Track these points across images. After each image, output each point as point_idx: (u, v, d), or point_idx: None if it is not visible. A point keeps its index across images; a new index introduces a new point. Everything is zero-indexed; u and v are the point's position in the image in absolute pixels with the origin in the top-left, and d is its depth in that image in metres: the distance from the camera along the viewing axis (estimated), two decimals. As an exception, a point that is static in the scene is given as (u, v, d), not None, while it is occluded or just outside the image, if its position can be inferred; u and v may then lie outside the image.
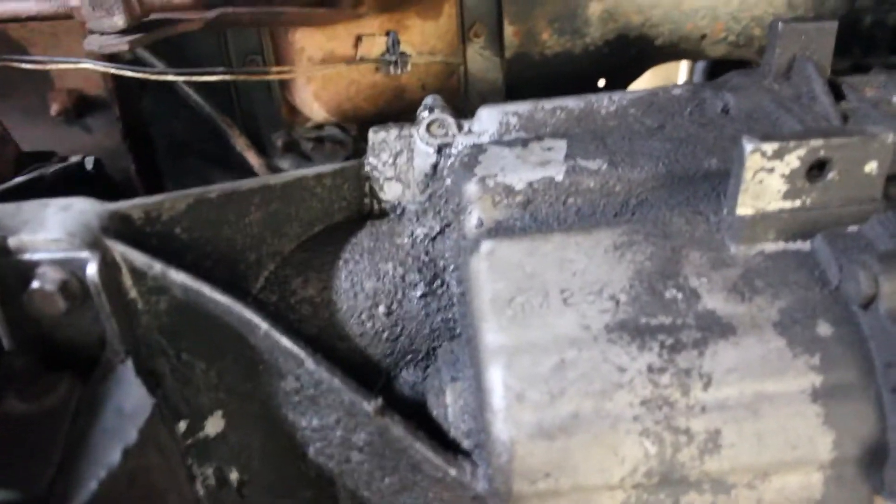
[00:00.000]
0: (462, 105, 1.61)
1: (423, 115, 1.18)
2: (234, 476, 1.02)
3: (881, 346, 0.83)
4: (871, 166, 0.90)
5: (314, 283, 1.11)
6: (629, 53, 1.65)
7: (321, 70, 1.40)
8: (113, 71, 1.26)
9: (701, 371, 0.84)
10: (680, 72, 2.39)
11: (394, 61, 1.43)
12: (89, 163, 1.38)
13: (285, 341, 0.90)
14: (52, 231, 0.84)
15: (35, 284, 0.82)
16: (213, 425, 0.98)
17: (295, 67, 1.39)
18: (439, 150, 1.15)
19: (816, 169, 0.90)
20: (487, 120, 1.17)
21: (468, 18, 1.56)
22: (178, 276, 0.88)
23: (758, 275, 0.90)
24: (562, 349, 0.85)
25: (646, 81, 1.79)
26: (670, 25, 1.64)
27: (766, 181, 0.89)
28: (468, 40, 1.58)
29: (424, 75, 1.53)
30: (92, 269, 0.82)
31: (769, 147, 0.87)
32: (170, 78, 1.28)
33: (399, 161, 1.17)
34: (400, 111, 1.52)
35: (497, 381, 0.84)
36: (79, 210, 0.88)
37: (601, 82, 1.70)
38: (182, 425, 0.97)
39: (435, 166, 1.15)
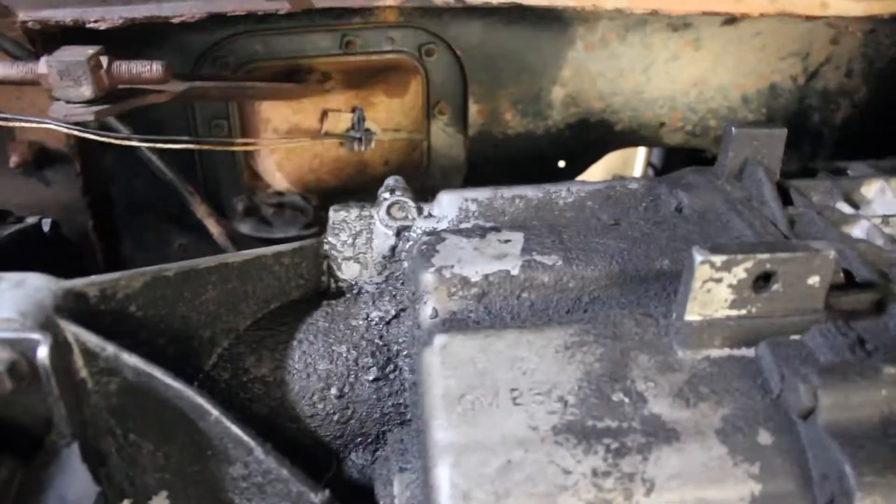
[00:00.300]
0: (423, 180, 1.64)
1: (385, 196, 1.20)
2: (175, 557, 1.00)
3: (818, 457, 0.85)
4: (814, 280, 0.93)
5: (267, 362, 1.11)
6: (590, 137, 1.70)
7: (285, 144, 1.41)
8: (77, 133, 1.26)
9: (644, 476, 0.85)
10: (638, 153, 2.45)
11: (358, 138, 1.45)
12: (46, 224, 1.37)
13: (235, 429, 0.90)
14: (4, 309, 0.84)
15: (-17, 363, 0.82)
16: (157, 506, 0.97)
17: (259, 139, 1.41)
18: (398, 232, 1.17)
19: (762, 280, 0.92)
20: (447, 205, 1.20)
21: (434, 96, 1.60)
22: (131, 360, 0.88)
23: (703, 380, 0.92)
24: (509, 449, 0.86)
25: (604, 160, 1.84)
26: (630, 112, 1.69)
27: (714, 290, 0.91)
28: (433, 117, 1.61)
29: (388, 151, 1.56)
30: (43, 353, 0.82)
31: (718, 259, 0.90)
32: (134, 144, 1.29)
33: (358, 241, 1.18)
34: (362, 185, 1.54)
35: (444, 478, 0.85)
36: (33, 287, 0.87)
37: (561, 163, 1.74)
38: (125, 504, 0.96)
39: (393, 248, 1.17)
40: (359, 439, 1.11)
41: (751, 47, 1.64)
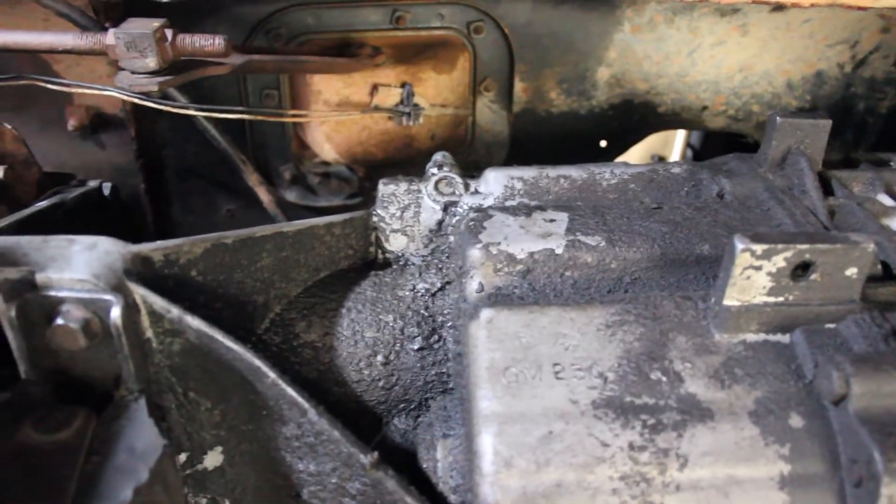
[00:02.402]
0: (467, 155, 1.67)
1: (433, 171, 1.24)
2: (226, 508, 1.06)
3: (847, 442, 0.88)
4: (852, 271, 0.96)
5: (317, 328, 1.15)
6: (632, 118, 1.72)
7: (336, 116, 1.45)
8: (136, 101, 1.31)
9: (678, 452, 0.89)
10: (677, 134, 2.46)
11: (407, 112, 1.49)
12: (106, 188, 1.42)
13: (290, 391, 0.95)
14: (79, 271, 0.89)
15: (59, 321, 0.87)
16: (213, 460, 1.03)
17: (310, 111, 1.44)
18: (445, 207, 1.21)
19: (801, 269, 0.95)
20: (493, 182, 1.23)
21: (480, 73, 1.63)
22: (194, 322, 0.93)
23: (738, 363, 0.95)
24: (550, 421, 0.90)
25: (644, 141, 1.86)
26: (674, 95, 1.71)
27: (753, 277, 0.94)
28: (479, 93, 1.64)
29: (434, 125, 1.59)
30: (115, 313, 0.87)
31: (759, 247, 0.92)
32: (190, 113, 1.33)
33: (406, 215, 1.22)
34: (408, 158, 1.57)
35: (487, 446, 0.89)
36: (104, 251, 0.92)
37: (603, 143, 1.76)
38: (182, 457, 1.01)
39: (440, 223, 1.21)
40: (402, 405, 1.16)
41: (799, 34, 1.64)
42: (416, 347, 1.14)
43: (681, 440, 0.89)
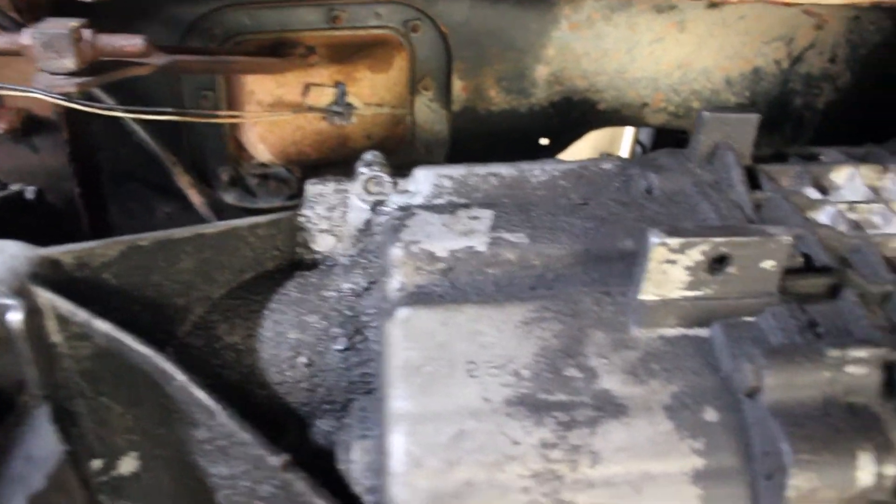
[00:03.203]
0: (407, 154, 1.66)
1: (362, 170, 1.23)
2: (145, 515, 1.05)
3: (760, 435, 0.88)
4: (769, 263, 0.96)
5: (239, 330, 1.14)
6: (572, 116, 1.72)
7: (268, 117, 1.44)
8: (61, 103, 1.28)
9: (591, 448, 0.88)
10: (626, 131, 2.46)
11: (339, 112, 1.47)
12: (30, 192, 1.40)
13: (199, 393, 0.94)
14: (-21, 275, 0.87)
15: (-43, 326, 0.85)
16: (128, 465, 1.01)
17: (242, 112, 1.43)
18: (373, 207, 1.20)
19: (717, 262, 0.95)
20: (422, 181, 1.22)
21: (419, 71, 1.62)
22: (102, 325, 0.91)
23: (655, 358, 0.95)
24: (462, 420, 0.89)
25: (592, 139, 1.86)
26: (613, 92, 1.71)
27: (670, 272, 0.94)
28: (417, 92, 1.63)
29: (370, 125, 1.58)
30: (14, 317, 0.85)
31: (674, 241, 0.92)
32: (117, 114, 1.31)
33: (333, 215, 1.21)
34: (344, 158, 1.56)
35: (398, 446, 0.88)
36: (8, 255, 0.91)
37: (544, 141, 1.76)
38: (97, 463, 1.00)
39: (368, 222, 1.20)
40: (327, 406, 1.15)
41: (735, 31, 1.65)
42: (339, 348, 1.13)
43: (593, 437, 0.89)
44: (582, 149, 1.96)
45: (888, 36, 1.64)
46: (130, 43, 1.15)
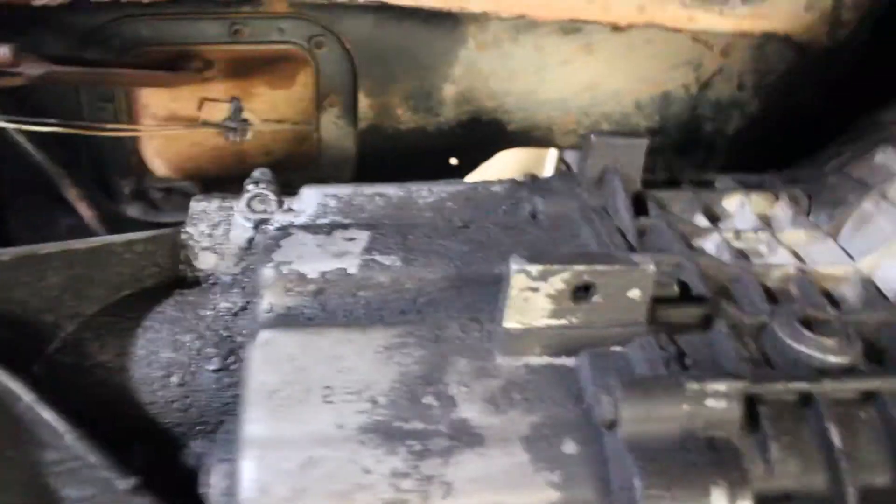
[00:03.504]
0: (314, 172, 1.65)
1: (248, 188, 1.21)
2: (-3, 539, 1.01)
3: (617, 468, 0.87)
4: (635, 293, 0.95)
5: (111, 348, 1.11)
6: (481, 135, 1.72)
7: (158, 131, 1.41)
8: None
9: (443, 479, 0.86)
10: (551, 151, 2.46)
11: (233, 128, 1.46)
12: None
13: (45, 414, 0.91)
14: None
15: None
16: (-22, 489, 0.98)
17: (134, 126, 1.40)
18: (257, 225, 1.18)
19: (583, 291, 0.94)
20: (308, 200, 1.21)
21: (324, 88, 1.60)
22: (-58, 344, 0.88)
23: (517, 387, 0.94)
24: (312, 446, 0.87)
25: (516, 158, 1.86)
26: (523, 113, 1.71)
27: (532, 299, 0.93)
28: (323, 109, 1.62)
29: (270, 142, 1.56)
30: None
31: (534, 269, 0.91)
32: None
33: (216, 232, 1.19)
34: (243, 174, 1.53)
35: (247, 471, 0.86)
36: None
37: (454, 160, 1.75)
38: (-55, 487, 0.96)
39: (251, 241, 1.18)
40: (199, 428, 1.12)
41: (643, 55, 1.66)
42: (212, 368, 1.11)
43: (447, 467, 0.87)
44: (508, 169, 1.95)
45: (791, 65, 1.66)
46: (-5, 52, 1.12)
